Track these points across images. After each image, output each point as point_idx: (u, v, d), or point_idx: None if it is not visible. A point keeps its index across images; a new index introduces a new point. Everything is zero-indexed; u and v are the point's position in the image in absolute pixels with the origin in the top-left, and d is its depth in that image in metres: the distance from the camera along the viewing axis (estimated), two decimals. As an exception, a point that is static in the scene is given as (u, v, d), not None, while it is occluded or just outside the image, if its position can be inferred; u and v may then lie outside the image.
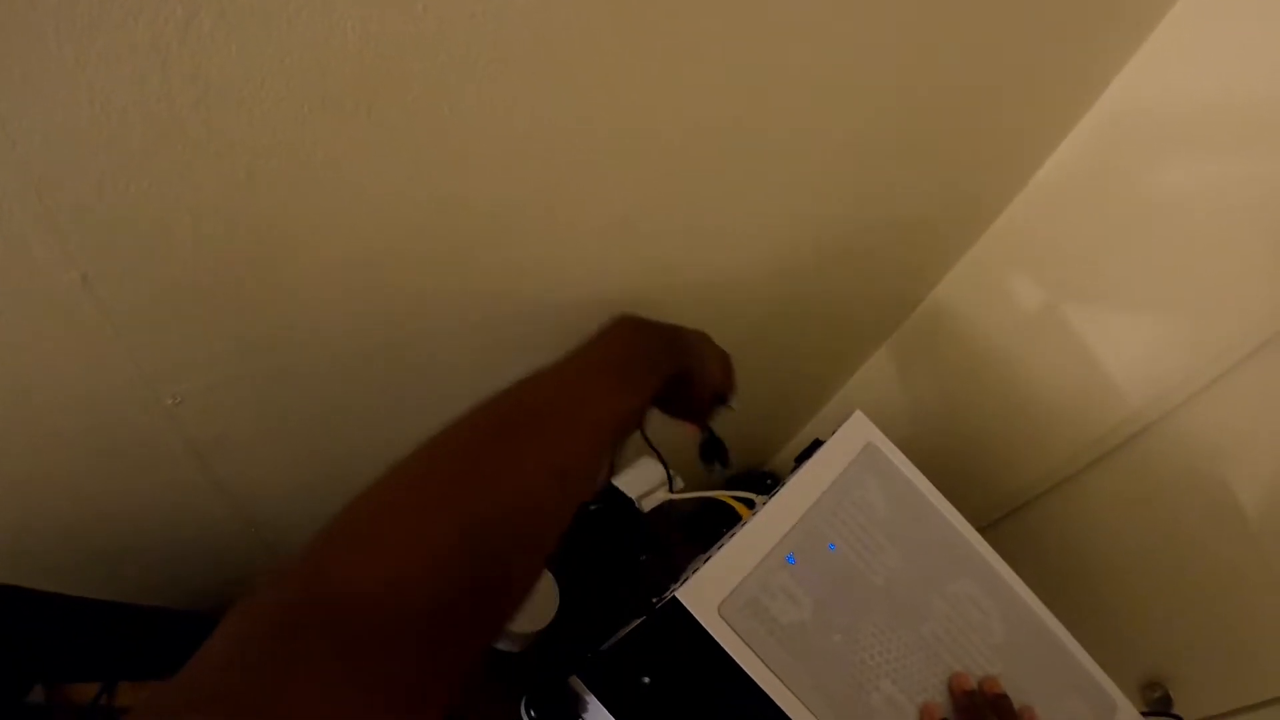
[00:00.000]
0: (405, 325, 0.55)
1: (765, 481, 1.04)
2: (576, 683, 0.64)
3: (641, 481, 0.65)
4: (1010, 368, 0.73)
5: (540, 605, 0.70)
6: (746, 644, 0.47)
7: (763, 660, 0.47)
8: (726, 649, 0.46)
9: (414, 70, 0.39)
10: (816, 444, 0.61)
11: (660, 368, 0.43)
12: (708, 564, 0.48)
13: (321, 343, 0.53)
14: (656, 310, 0.49)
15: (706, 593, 0.47)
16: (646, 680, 0.57)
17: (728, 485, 1.07)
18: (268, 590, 0.26)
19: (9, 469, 0.49)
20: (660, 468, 0.66)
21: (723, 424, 0.61)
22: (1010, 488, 0.73)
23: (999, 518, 0.74)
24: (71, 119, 0.35)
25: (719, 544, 0.54)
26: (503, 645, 0.81)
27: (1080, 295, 0.69)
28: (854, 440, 0.57)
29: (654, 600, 0.53)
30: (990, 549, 0.57)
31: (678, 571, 0.72)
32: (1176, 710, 0.63)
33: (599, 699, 0.60)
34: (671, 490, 0.64)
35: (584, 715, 0.64)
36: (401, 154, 0.43)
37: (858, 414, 0.58)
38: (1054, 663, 0.56)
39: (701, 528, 0.93)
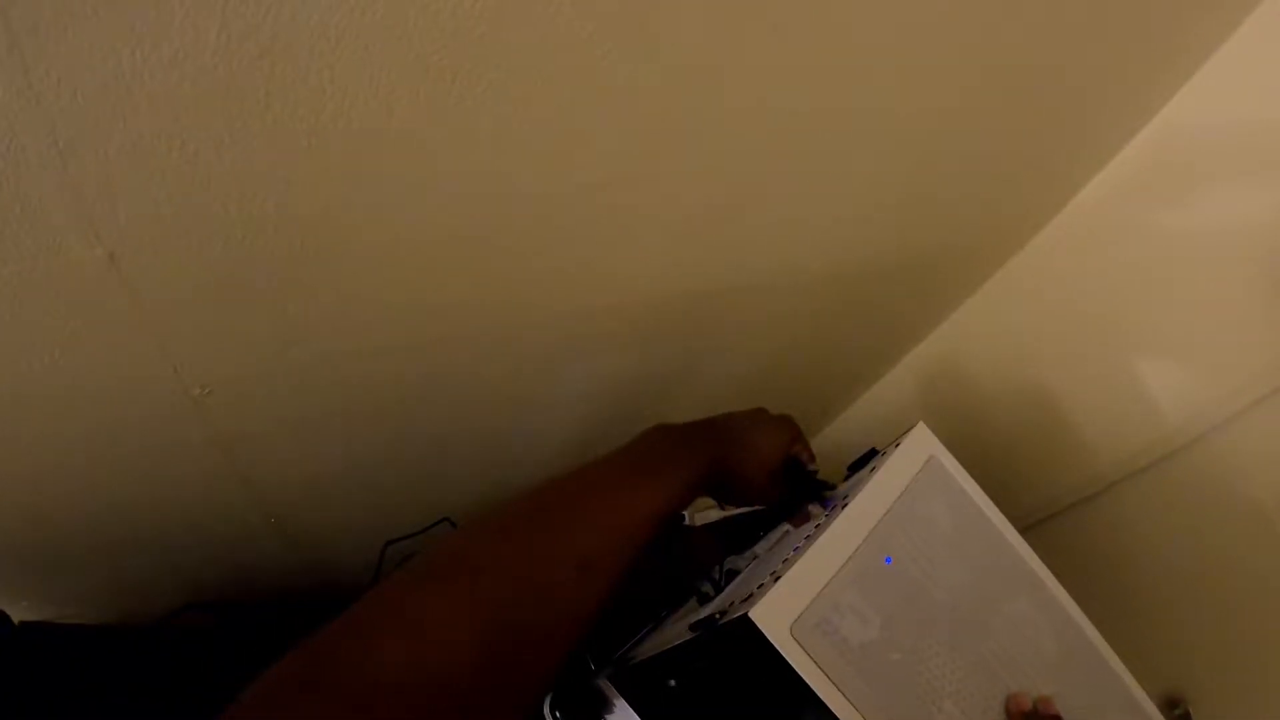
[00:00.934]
0: (440, 327, 0.52)
1: (810, 477, 1.02)
2: (605, 685, 0.62)
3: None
4: (1048, 379, 0.72)
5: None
6: (818, 665, 0.45)
7: (833, 681, 0.46)
8: (799, 670, 0.45)
9: (511, 42, 0.34)
10: (873, 453, 0.59)
11: (689, 464, 0.44)
12: (779, 582, 0.46)
13: (357, 338, 0.49)
14: (699, 302, 0.46)
15: (779, 612, 0.45)
16: (672, 684, 0.55)
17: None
18: (296, 656, 0.28)
19: (30, 455, 0.46)
20: None
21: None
22: (1042, 497, 0.73)
23: (1027, 526, 0.74)
24: (106, 72, 0.29)
25: (779, 558, 0.52)
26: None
27: (1121, 314, 0.68)
28: (918, 453, 0.55)
29: (717, 616, 0.51)
30: (1043, 565, 0.56)
31: (701, 566, 0.70)
32: (1198, 728, 0.64)
33: (627, 701, 0.59)
34: (723, 508, 0.62)
35: (609, 716, 0.63)
36: (478, 134, 0.38)
37: (921, 425, 0.56)
38: (1101, 682, 0.56)
39: (724, 523, 0.92)
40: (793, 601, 0.46)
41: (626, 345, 0.64)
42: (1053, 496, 0.72)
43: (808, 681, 0.45)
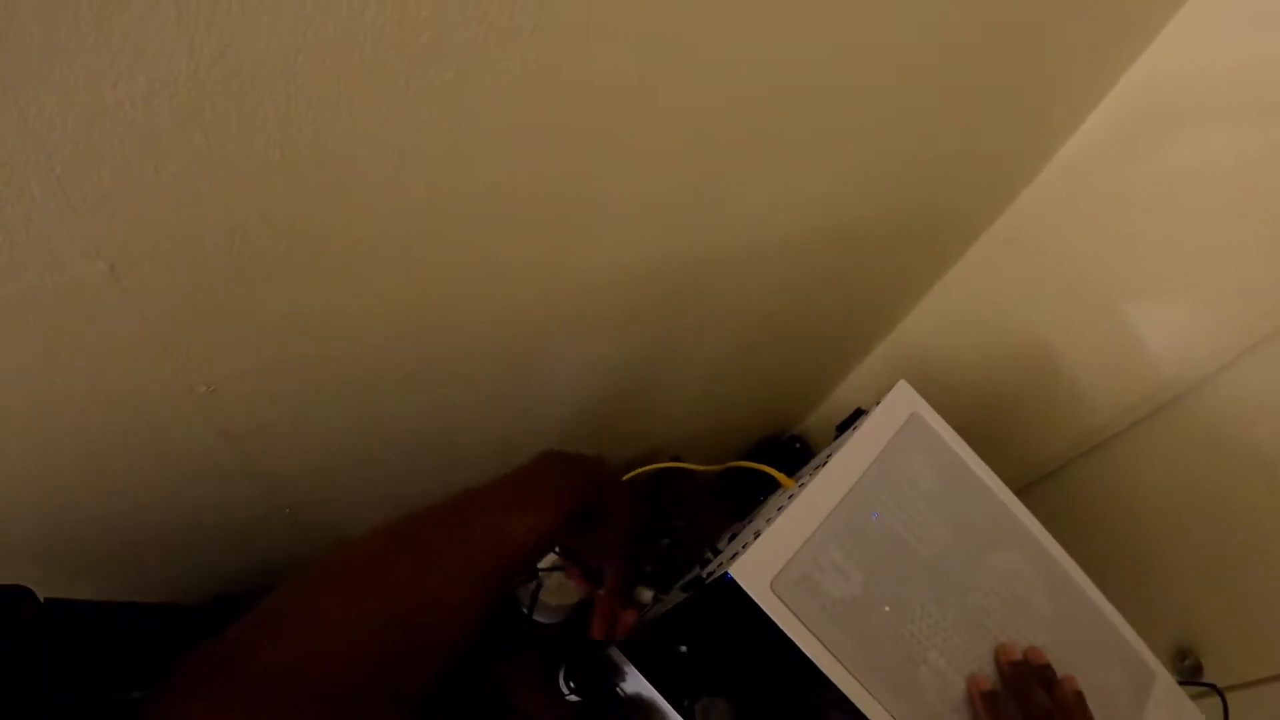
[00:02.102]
0: (437, 315, 0.54)
1: (794, 446, 1.04)
2: (615, 653, 0.65)
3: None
4: (1042, 335, 0.71)
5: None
6: (799, 619, 0.47)
7: (815, 635, 0.47)
8: (780, 624, 0.46)
9: (457, 41, 0.37)
10: (859, 413, 0.60)
11: (572, 489, 0.47)
12: (759, 540, 0.48)
13: (353, 331, 0.51)
14: (680, 280, 0.46)
15: (759, 569, 0.47)
16: (684, 649, 0.57)
17: (757, 449, 1.07)
18: (217, 643, 0.32)
19: (43, 461, 0.48)
20: None
21: (751, 390, 0.61)
22: (1041, 454, 0.73)
23: (1029, 483, 0.74)
24: (94, 103, 0.32)
25: (764, 518, 0.54)
26: (541, 618, 0.82)
27: (1111, 263, 0.67)
28: (899, 410, 0.56)
29: (703, 576, 0.53)
30: (1034, 519, 0.57)
31: (708, 535, 0.73)
32: (1207, 678, 0.63)
33: (639, 669, 0.61)
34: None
35: (622, 684, 0.65)
36: (439, 133, 0.41)
37: (902, 383, 0.56)
38: (1095, 633, 0.56)
39: (731, 492, 0.94)
40: (772, 558, 0.48)
41: (613, 328, 0.66)
42: (1054, 453, 0.72)
43: (789, 634, 0.47)
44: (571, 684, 0.65)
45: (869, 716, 0.47)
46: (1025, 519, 0.57)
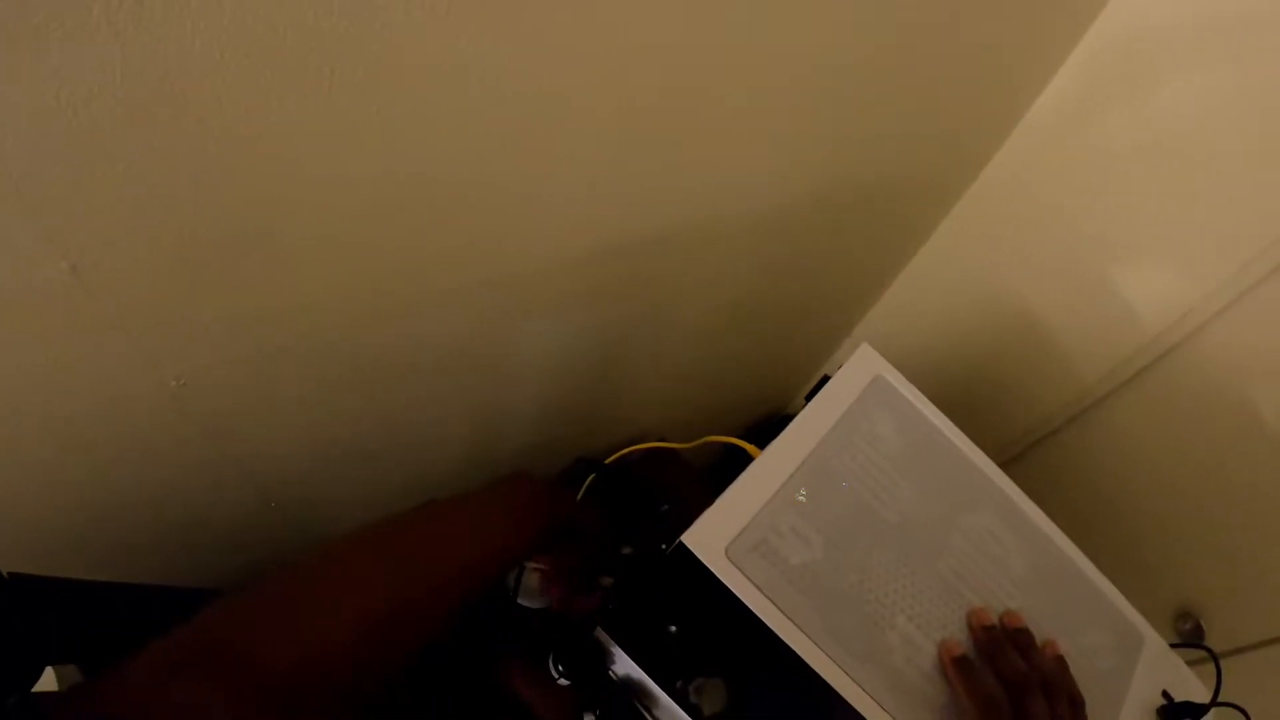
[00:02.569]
0: (391, 298, 0.55)
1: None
2: (602, 635, 0.65)
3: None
4: (1023, 300, 0.69)
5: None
6: (755, 586, 0.46)
7: (773, 602, 0.47)
8: (735, 591, 0.46)
9: (372, 30, 0.38)
10: (825, 380, 0.59)
11: (540, 512, 0.50)
12: (712, 507, 0.48)
13: (311, 318, 0.52)
14: (649, 253, 0.46)
15: (712, 536, 0.46)
16: (673, 629, 0.57)
17: (748, 433, 1.06)
18: (185, 635, 0.33)
19: (24, 462, 0.50)
20: None
21: (736, 371, 0.61)
22: (1029, 421, 0.71)
23: (1019, 452, 0.72)
24: (41, 110, 0.35)
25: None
26: (527, 602, 0.83)
27: (1090, 222, 0.65)
28: (862, 373, 0.55)
29: (663, 546, 0.53)
30: (1009, 481, 0.55)
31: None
32: (1209, 642, 0.61)
33: (624, 649, 0.61)
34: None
35: (612, 666, 0.65)
36: (368, 120, 0.42)
37: (864, 347, 0.56)
38: (1077, 596, 0.54)
39: (724, 478, 0.93)
40: (727, 525, 0.47)
41: (577, 309, 0.66)
42: (1039, 420, 0.69)
43: (746, 601, 0.46)
44: (561, 667, 0.65)
45: (834, 685, 0.47)
46: (1000, 481, 0.55)
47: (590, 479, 0.73)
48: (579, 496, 0.73)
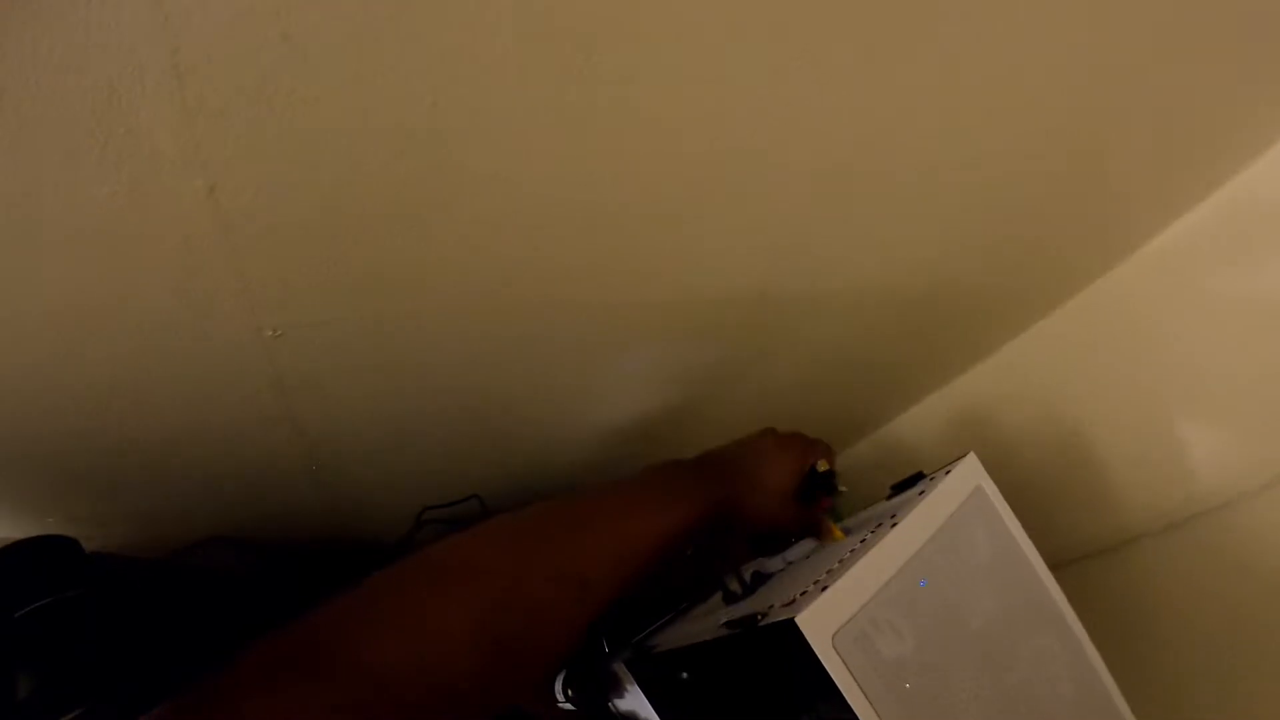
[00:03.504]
0: (506, 298, 0.52)
1: (829, 480, 1.03)
2: (621, 669, 0.63)
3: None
4: (1087, 427, 0.73)
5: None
6: (853, 675, 0.47)
7: (865, 693, 0.47)
8: (835, 679, 0.46)
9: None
10: (919, 476, 0.60)
11: (696, 499, 0.45)
12: (826, 593, 0.47)
13: (435, 299, 0.50)
14: (757, 309, 0.45)
15: (825, 621, 0.46)
16: (685, 676, 0.56)
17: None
18: (292, 636, 0.30)
19: (92, 372, 0.46)
20: None
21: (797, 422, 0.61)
22: (1068, 540, 0.74)
23: (1051, 567, 0.75)
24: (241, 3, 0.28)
25: (824, 569, 0.53)
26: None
27: (1167, 371, 0.69)
28: (966, 481, 0.56)
29: (759, 617, 0.52)
30: (1070, 607, 0.58)
31: (728, 563, 0.71)
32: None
33: (645, 691, 0.60)
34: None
35: (618, 700, 0.64)
36: (579, 153, 0.39)
37: (971, 456, 0.57)
38: (1111, 726, 0.57)
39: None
40: (837, 611, 0.47)
41: (679, 341, 0.65)
42: (1080, 541, 0.73)
43: (842, 691, 0.46)
44: (569, 692, 0.63)
45: (901, 780, 0.47)
46: (1063, 605, 0.58)
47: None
48: None
